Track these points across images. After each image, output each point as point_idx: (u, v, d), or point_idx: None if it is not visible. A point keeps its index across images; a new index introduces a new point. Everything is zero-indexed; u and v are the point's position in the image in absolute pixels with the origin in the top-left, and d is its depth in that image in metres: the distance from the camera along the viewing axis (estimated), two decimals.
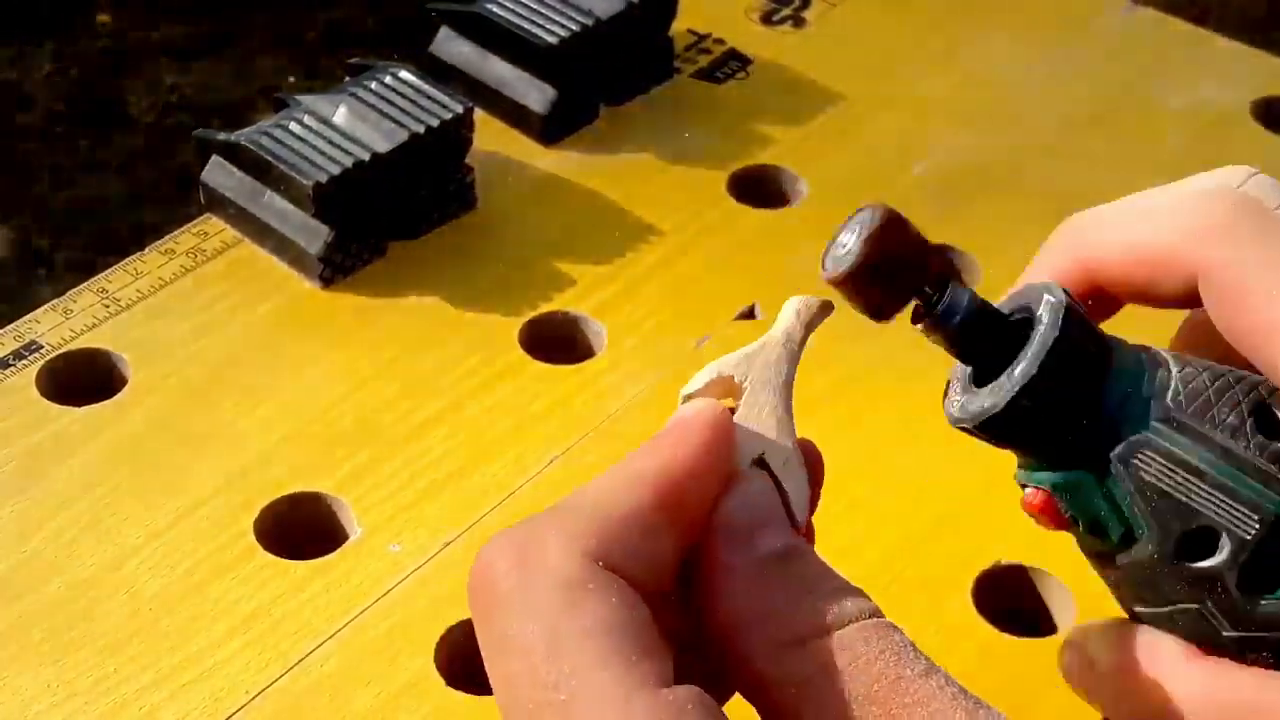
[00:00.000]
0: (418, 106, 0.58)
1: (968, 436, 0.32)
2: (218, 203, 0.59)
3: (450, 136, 0.58)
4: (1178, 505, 0.30)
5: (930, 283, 0.31)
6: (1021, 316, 0.31)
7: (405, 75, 0.59)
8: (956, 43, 0.71)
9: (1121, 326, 0.34)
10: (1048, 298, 0.31)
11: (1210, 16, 1.39)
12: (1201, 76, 0.69)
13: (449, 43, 0.65)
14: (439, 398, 0.52)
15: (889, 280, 0.31)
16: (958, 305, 0.31)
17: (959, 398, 0.32)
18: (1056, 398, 0.30)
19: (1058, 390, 0.30)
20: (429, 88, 0.59)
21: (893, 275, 0.31)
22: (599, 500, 0.29)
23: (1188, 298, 0.32)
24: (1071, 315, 0.31)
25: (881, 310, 0.31)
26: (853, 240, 0.31)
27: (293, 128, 0.57)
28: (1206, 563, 0.30)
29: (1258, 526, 0.30)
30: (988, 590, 0.47)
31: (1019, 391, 0.30)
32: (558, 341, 0.56)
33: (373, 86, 0.59)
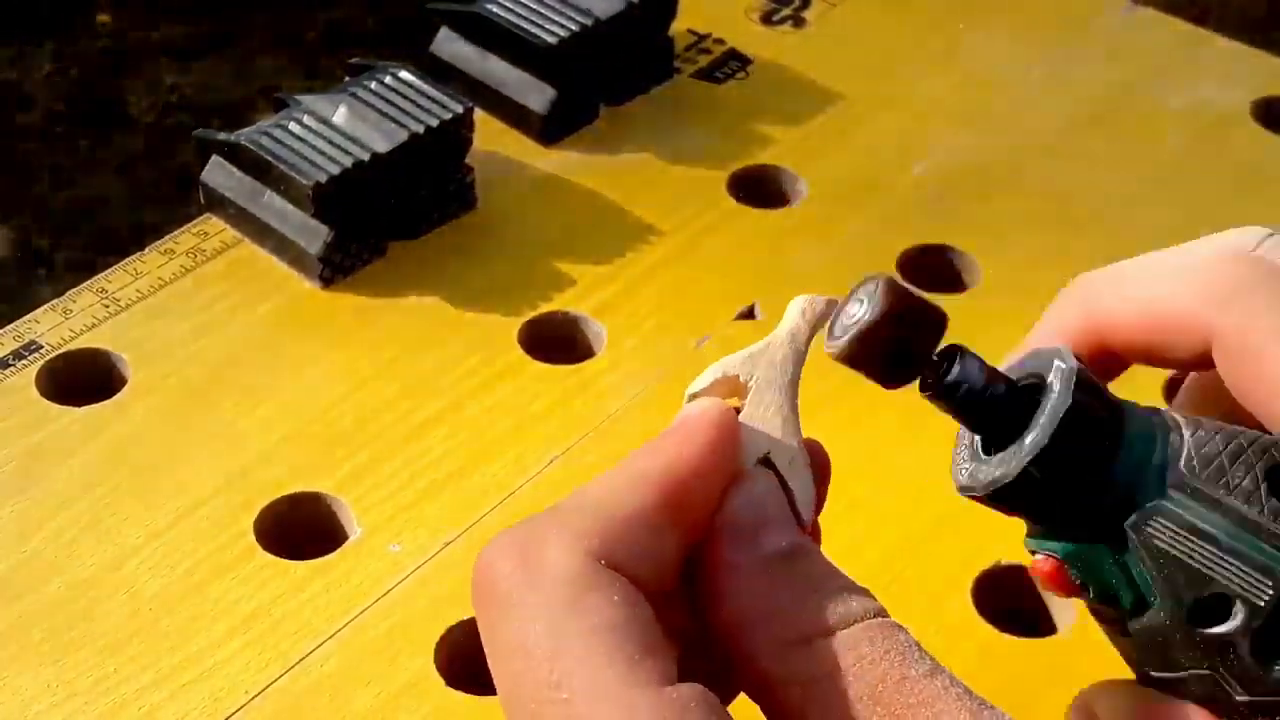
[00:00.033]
0: (418, 106, 0.58)
1: None
2: (218, 203, 0.59)
3: (450, 136, 0.58)
4: (1191, 572, 0.30)
5: (939, 351, 0.31)
6: (1031, 382, 0.31)
7: (405, 75, 0.59)
8: (956, 43, 0.71)
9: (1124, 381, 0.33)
10: (1059, 364, 0.30)
11: (1210, 16, 1.39)
12: (1201, 76, 0.69)
13: (449, 43, 0.65)
14: (439, 398, 0.52)
15: (898, 350, 0.30)
16: (966, 375, 0.30)
17: (967, 465, 0.32)
18: (1068, 467, 0.30)
19: (1069, 460, 0.30)
20: (429, 88, 0.59)
21: (902, 345, 0.30)
22: (601, 499, 0.29)
23: (1200, 361, 0.32)
24: (1083, 382, 0.30)
25: (890, 380, 0.31)
26: (861, 311, 0.30)
27: (293, 128, 0.57)
28: (1219, 629, 0.30)
29: (1272, 593, 0.29)
30: (988, 590, 0.47)
31: (1030, 462, 0.30)
32: (558, 341, 0.55)
33: (373, 86, 0.59)
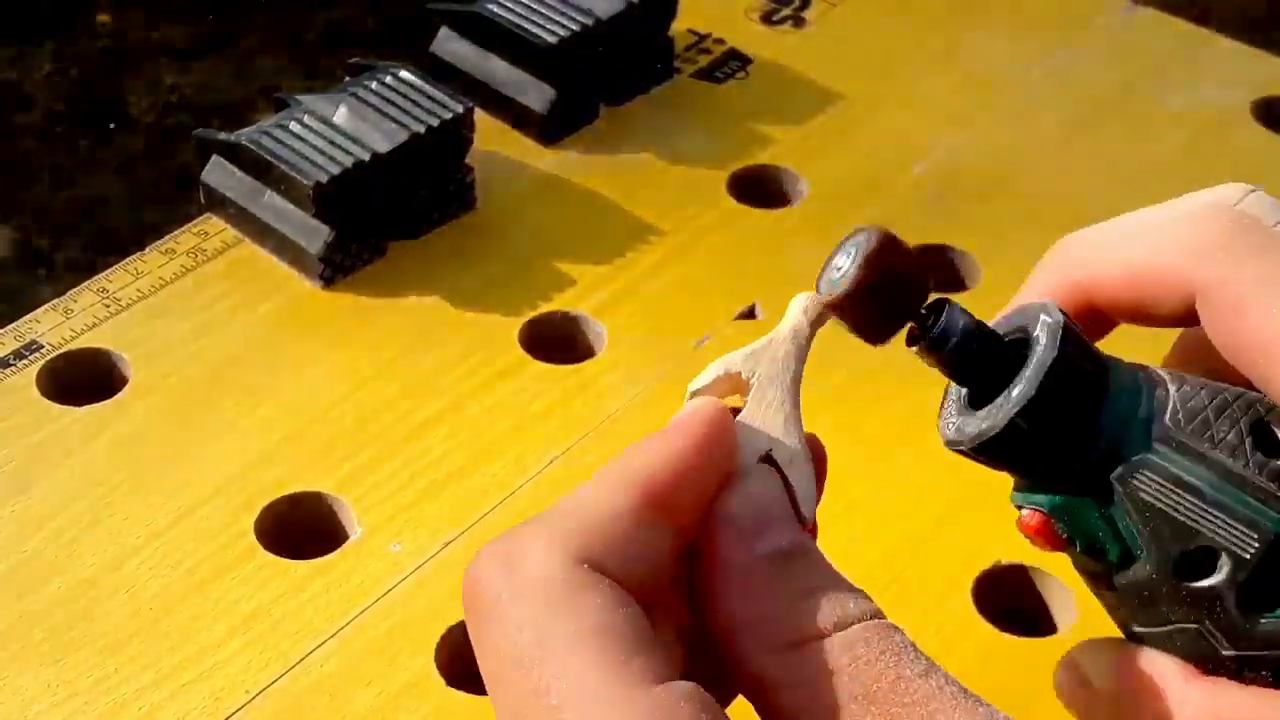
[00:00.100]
0: (418, 106, 0.58)
1: None
2: (218, 203, 0.59)
3: (450, 136, 0.58)
4: (1176, 525, 0.30)
5: (926, 304, 0.31)
6: (1018, 337, 0.31)
7: (405, 75, 0.59)
8: (956, 43, 0.71)
9: (1113, 341, 0.33)
10: (1044, 318, 0.31)
11: (1210, 16, 1.39)
12: (1201, 76, 0.69)
13: (449, 43, 0.65)
14: (439, 398, 0.52)
15: (885, 302, 0.31)
16: (953, 327, 0.31)
17: (955, 419, 0.32)
18: (1054, 419, 0.30)
19: (1055, 412, 0.30)
20: (429, 88, 0.59)
21: (889, 297, 0.30)
22: (580, 502, 0.29)
23: (1185, 316, 0.32)
24: (1069, 335, 0.30)
25: (877, 333, 0.31)
26: (848, 263, 0.30)
27: (293, 128, 0.57)
28: (1205, 582, 0.30)
29: (1257, 545, 0.30)
30: (988, 590, 0.47)
31: (1016, 413, 0.30)
32: (558, 341, 0.55)
33: (373, 86, 0.59)
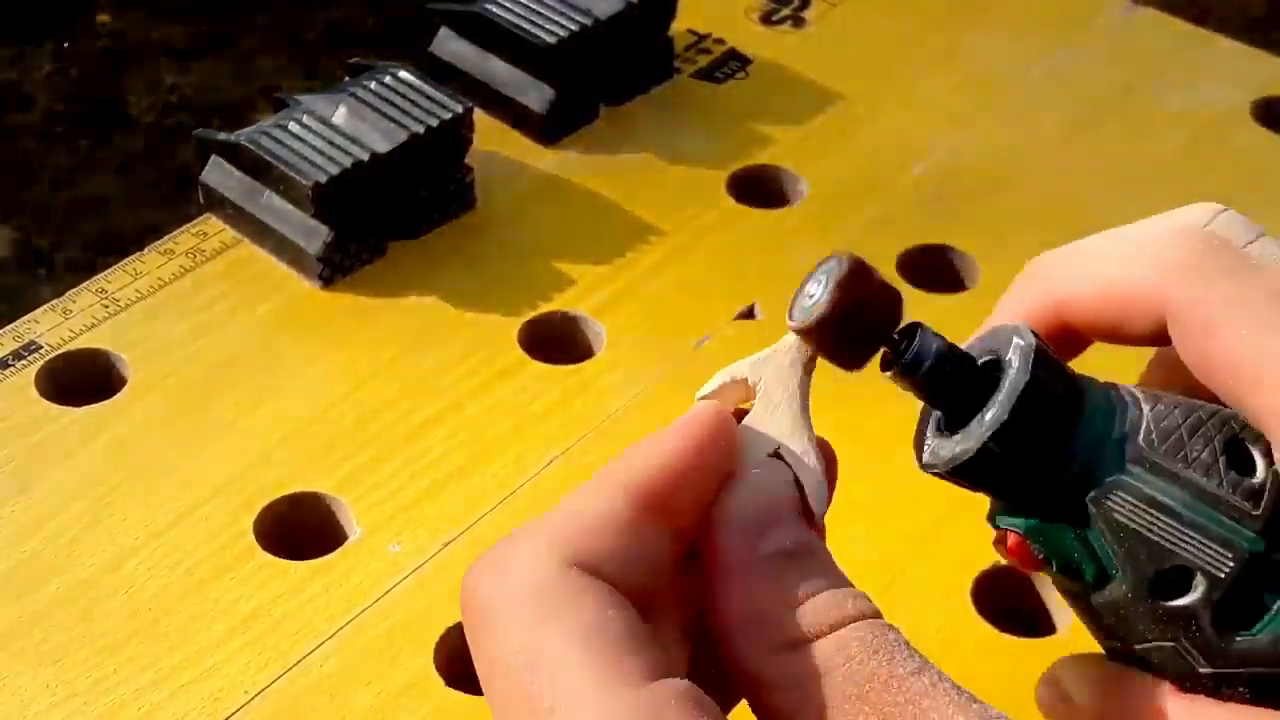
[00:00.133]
0: (418, 106, 0.58)
1: None
2: (217, 203, 0.59)
3: (450, 136, 0.58)
4: (1151, 545, 0.30)
5: (898, 329, 0.31)
6: (991, 360, 0.31)
7: (405, 75, 0.59)
8: (956, 43, 0.71)
9: (1091, 359, 0.33)
10: (1017, 341, 0.31)
11: (1210, 16, 1.39)
12: (1201, 76, 0.69)
13: (449, 43, 0.65)
14: (439, 398, 0.52)
15: (858, 329, 0.31)
16: (926, 351, 0.31)
17: (930, 442, 0.32)
18: (1027, 443, 0.30)
19: (1028, 435, 0.30)
20: (429, 88, 0.59)
21: (862, 323, 0.30)
22: (576, 506, 0.29)
23: (1157, 336, 0.32)
24: (1041, 358, 0.30)
25: (851, 358, 0.31)
26: (820, 290, 0.30)
27: (292, 128, 0.57)
28: (1181, 601, 0.30)
29: (1231, 564, 0.30)
30: (988, 590, 0.47)
31: (989, 437, 0.30)
32: (557, 341, 0.55)
33: (373, 86, 0.59)
